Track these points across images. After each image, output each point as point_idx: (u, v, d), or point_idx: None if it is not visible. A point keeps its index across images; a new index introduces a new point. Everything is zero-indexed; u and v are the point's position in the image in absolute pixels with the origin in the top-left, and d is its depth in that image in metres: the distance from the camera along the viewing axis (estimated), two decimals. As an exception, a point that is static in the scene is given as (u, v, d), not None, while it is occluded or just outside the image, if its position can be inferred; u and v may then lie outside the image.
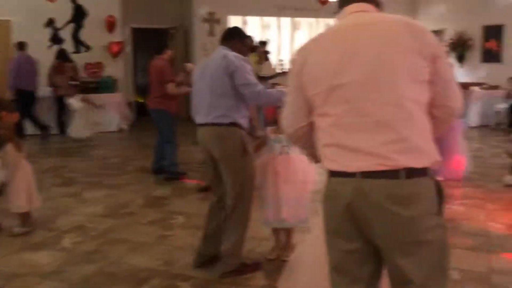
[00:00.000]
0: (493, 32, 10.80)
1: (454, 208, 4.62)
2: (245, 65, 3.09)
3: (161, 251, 3.66)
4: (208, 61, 3.22)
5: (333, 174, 1.64)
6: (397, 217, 1.52)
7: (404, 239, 1.53)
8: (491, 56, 10.96)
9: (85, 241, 3.91)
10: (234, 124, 3.07)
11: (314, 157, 1.85)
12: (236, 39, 3.29)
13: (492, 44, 10.92)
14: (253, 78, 3.07)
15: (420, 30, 1.61)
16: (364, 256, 1.64)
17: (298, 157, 3.23)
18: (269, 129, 3.41)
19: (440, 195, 1.59)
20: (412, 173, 1.52)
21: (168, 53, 5.95)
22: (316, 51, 1.70)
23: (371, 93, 1.57)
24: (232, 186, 3.10)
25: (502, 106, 9.61)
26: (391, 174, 1.52)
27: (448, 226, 1.64)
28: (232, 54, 3.10)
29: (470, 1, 11.14)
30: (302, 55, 1.74)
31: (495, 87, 10.13)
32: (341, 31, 1.70)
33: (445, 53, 1.72)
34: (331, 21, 11.75)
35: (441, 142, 1.79)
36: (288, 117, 1.84)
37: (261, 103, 3.41)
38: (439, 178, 1.68)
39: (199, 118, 3.19)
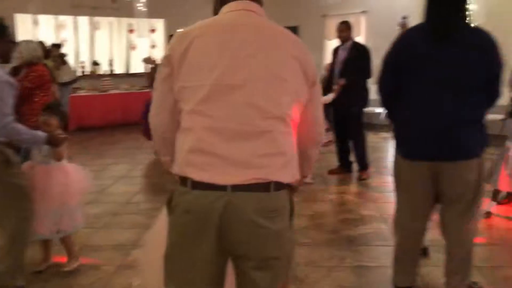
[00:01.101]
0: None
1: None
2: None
3: None
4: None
5: (197, 185, 1.50)
6: (266, 231, 1.51)
7: (268, 253, 1.54)
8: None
9: None
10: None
11: (169, 165, 1.66)
12: None
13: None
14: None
15: (308, 52, 1.62)
16: (214, 270, 1.57)
17: (59, 167, 3.14)
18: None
19: (292, 208, 1.62)
20: (279, 187, 1.52)
21: None
22: (201, 40, 1.55)
23: (259, 102, 1.50)
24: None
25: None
26: (263, 187, 1.49)
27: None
28: None
29: (267, 2, 11.58)
30: (184, 41, 1.55)
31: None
32: (230, 27, 1.58)
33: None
34: (134, 21, 11.34)
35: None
36: (159, 115, 1.64)
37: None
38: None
39: None
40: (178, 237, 1.57)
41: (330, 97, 5.43)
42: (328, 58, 9.51)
